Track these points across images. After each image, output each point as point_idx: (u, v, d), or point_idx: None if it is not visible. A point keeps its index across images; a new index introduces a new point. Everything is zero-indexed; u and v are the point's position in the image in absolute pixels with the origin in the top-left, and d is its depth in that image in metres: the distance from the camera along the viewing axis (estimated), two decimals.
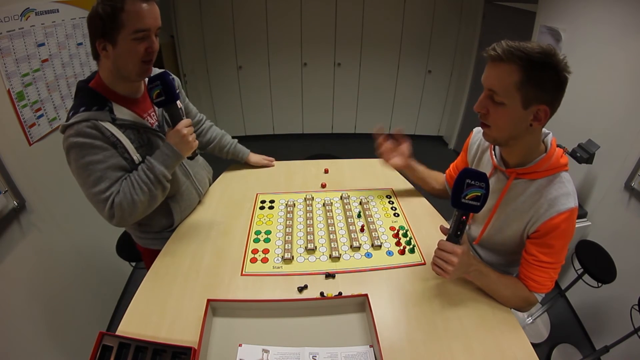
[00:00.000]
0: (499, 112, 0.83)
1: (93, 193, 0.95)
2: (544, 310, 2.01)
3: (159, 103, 1.02)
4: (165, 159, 1.01)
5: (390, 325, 0.87)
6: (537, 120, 0.82)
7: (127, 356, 0.74)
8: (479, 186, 0.82)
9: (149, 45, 0.94)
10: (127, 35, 0.89)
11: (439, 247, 0.89)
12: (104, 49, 0.92)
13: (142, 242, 1.26)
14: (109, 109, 0.97)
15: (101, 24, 0.88)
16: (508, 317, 0.91)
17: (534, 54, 0.75)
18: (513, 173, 0.95)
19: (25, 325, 1.39)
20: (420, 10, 3.53)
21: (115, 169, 0.97)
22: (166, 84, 0.99)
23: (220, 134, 1.51)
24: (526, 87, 0.78)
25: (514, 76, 0.78)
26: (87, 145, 0.92)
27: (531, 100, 0.79)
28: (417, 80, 3.92)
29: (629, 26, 1.79)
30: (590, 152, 1.80)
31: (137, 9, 0.88)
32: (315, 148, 4.01)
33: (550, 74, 0.77)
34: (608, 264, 1.62)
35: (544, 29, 2.41)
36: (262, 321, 0.88)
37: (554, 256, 0.89)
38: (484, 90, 0.85)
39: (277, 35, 3.58)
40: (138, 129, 1.04)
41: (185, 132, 1.02)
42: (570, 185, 0.89)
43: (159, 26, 0.95)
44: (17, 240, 1.37)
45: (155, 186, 1.00)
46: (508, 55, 0.77)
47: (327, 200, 1.34)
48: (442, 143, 4.26)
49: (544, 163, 0.90)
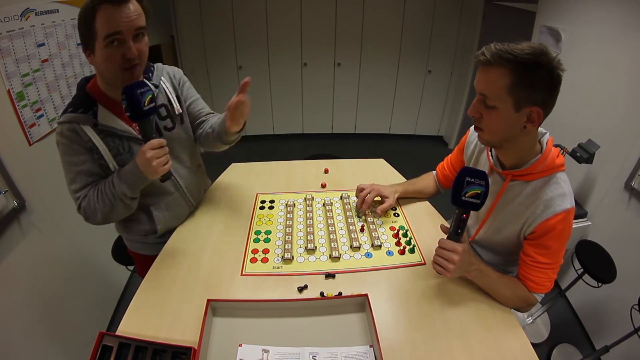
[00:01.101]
0: (491, 115, 0.83)
1: (69, 189, 1.01)
2: (544, 310, 2.01)
3: (129, 117, 0.91)
4: (129, 178, 0.95)
5: (390, 325, 0.87)
6: (530, 122, 0.82)
7: (127, 356, 0.74)
8: (479, 184, 0.82)
9: (125, 51, 0.87)
10: (100, 43, 0.86)
11: (439, 245, 0.89)
12: (89, 57, 0.91)
13: (130, 245, 1.26)
14: (92, 114, 0.96)
15: (80, 33, 0.88)
16: (508, 317, 0.91)
17: (523, 55, 0.74)
18: (509, 175, 0.95)
19: (25, 325, 1.39)
20: (420, 10, 3.53)
21: (87, 174, 0.99)
22: (131, 100, 0.88)
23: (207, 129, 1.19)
24: (517, 90, 0.77)
25: (504, 80, 0.77)
26: (66, 146, 0.96)
27: (523, 103, 0.79)
28: (417, 80, 3.92)
29: (629, 26, 1.79)
30: (590, 152, 1.80)
31: (108, 14, 0.83)
32: (315, 148, 4.01)
33: (541, 74, 0.76)
34: (608, 264, 1.62)
35: (544, 29, 2.41)
36: (262, 321, 0.88)
37: (551, 257, 0.89)
38: (477, 95, 0.85)
39: (277, 35, 3.58)
40: (120, 137, 1.01)
41: (149, 156, 0.89)
42: (566, 185, 0.89)
43: (139, 26, 0.88)
44: (17, 240, 1.37)
45: (117, 202, 0.97)
46: (496, 58, 0.77)
47: (327, 200, 1.34)
48: (442, 143, 4.26)
49: (539, 164, 0.89)
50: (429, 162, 1.37)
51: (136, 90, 0.88)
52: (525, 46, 0.76)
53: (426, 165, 1.37)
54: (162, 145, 0.93)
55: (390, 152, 3.94)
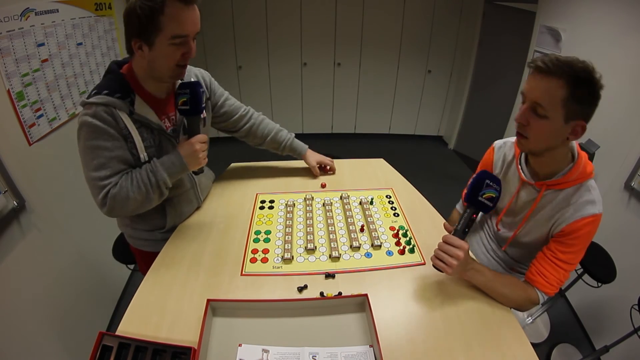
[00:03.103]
0: (540, 124, 0.83)
1: (92, 177, 0.94)
2: (544, 310, 2.01)
3: (182, 111, 1.01)
4: (171, 167, 1.00)
5: (390, 325, 0.87)
6: (574, 134, 0.84)
7: (127, 356, 0.74)
8: (495, 188, 0.88)
9: (187, 50, 0.92)
10: (164, 40, 0.87)
11: (445, 241, 0.90)
12: (140, 49, 0.90)
13: (133, 243, 1.25)
14: (130, 101, 0.95)
15: (138, 23, 0.85)
16: (508, 317, 0.91)
17: (579, 70, 0.77)
18: (544, 186, 0.96)
19: (25, 325, 1.39)
20: (420, 10, 3.53)
21: (120, 160, 0.97)
22: (195, 96, 0.98)
23: (275, 128, 1.43)
24: (570, 103, 0.79)
25: (561, 91, 0.78)
26: (99, 129, 0.91)
27: (573, 116, 0.80)
28: (417, 80, 3.92)
29: (629, 26, 1.79)
30: (590, 152, 1.80)
31: (177, 13, 0.85)
32: (315, 148, 4.00)
33: (590, 90, 0.78)
34: (608, 264, 1.62)
35: (544, 29, 2.41)
36: (262, 321, 0.88)
37: (570, 255, 0.92)
38: (527, 102, 0.84)
39: (277, 35, 3.58)
40: (152, 129, 1.02)
41: (198, 148, 1.01)
42: (595, 192, 0.91)
43: (198, 31, 0.92)
44: (17, 240, 1.37)
45: (154, 190, 0.99)
46: (556, 69, 0.77)
47: (327, 200, 1.34)
48: (442, 143, 4.26)
49: (573, 173, 0.91)
50: (429, 162, 1.38)
51: (199, 88, 0.99)
52: (578, 61, 0.78)
53: (426, 165, 1.37)
54: (206, 140, 1.06)
55: (390, 152, 3.94)
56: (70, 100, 1.69)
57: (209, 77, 1.25)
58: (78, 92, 1.74)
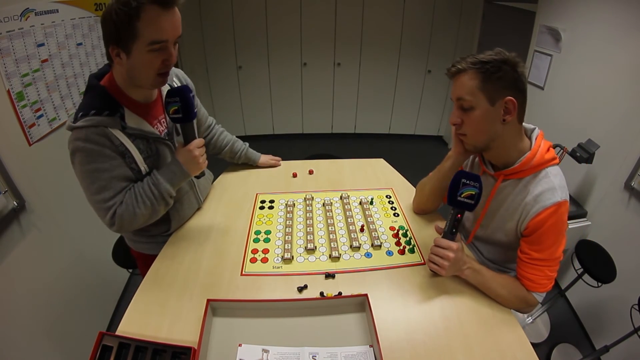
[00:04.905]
0: (471, 117, 0.89)
1: (96, 200, 0.93)
2: (544, 310, 2.01)
3: (175, 119, 0.98)
4: (172, 177, 0.99)
5: (390, 325, 0.87)
6: (507, 113, 0.86)
7: (127, 356, 0.74)
8: (473, 185, 0.88)
9: (167, 57, 0.87)
10: (142, 46, 0.82)
11: (435, 244, 0.94)
12: (118, 56, 0.85)
13: (135, 246, 1.24)
14: (120, 116, 0.91)
15: (114, 30, 0.80)
16: (508, 317, 0.91)
17: (485, 57, 0.84)
18: (500, 175, 0.97)
19: (24, 325, 1.39)
20: (420, 10, 3.53)
21: (120, 179, 0.95)
22: (186, 103, 0.94)
23: (232, 140, 1.50)
24: (487, 85, 0.84)
25: (474, 81, 0.85)
26: (94, 152, 0.88)
27: (495, 95, 0.85)
28: (417, 80, 3.92)
29: (629, 26, 1.79)
30: (590, 152, 1.80)
31: (155, 18, 0.80)
32: (315, 148, 4.01)
33: (505, 68, 0.83)
34: (608, 264, 1.62)
35: (544, 29, 2.41)
36: (262, 321, 0.88)
37: (545, 252, 0.90)
38: (454, 103, 0.91)
39: (277, 35, 3.58)
40: (147, 139, 1.00)
41: (197, 154, 1.00)
42: (556, 179, 0.90)
43: (179, 35, 0.87)
44: (17, 240, 1.37)
45: (159, 202, 0.99)
46: (464, 66, 0.86)
47: (327, 200, 1.34)
48: (442, 143, 4.26)
49: (529, 161, 0.91)
50: (428, 162, 1.37)
51: (189, 93, 0.95)
52: (487, 52, 0.86)
53: (426, 165, 1.37)
54: (203, 144, 1.04)
55: (390, 152, 3.94)
56: (70, 100, 1.69)
57: (189, 79, 1.20)
58: (78, 92, 1.73)
